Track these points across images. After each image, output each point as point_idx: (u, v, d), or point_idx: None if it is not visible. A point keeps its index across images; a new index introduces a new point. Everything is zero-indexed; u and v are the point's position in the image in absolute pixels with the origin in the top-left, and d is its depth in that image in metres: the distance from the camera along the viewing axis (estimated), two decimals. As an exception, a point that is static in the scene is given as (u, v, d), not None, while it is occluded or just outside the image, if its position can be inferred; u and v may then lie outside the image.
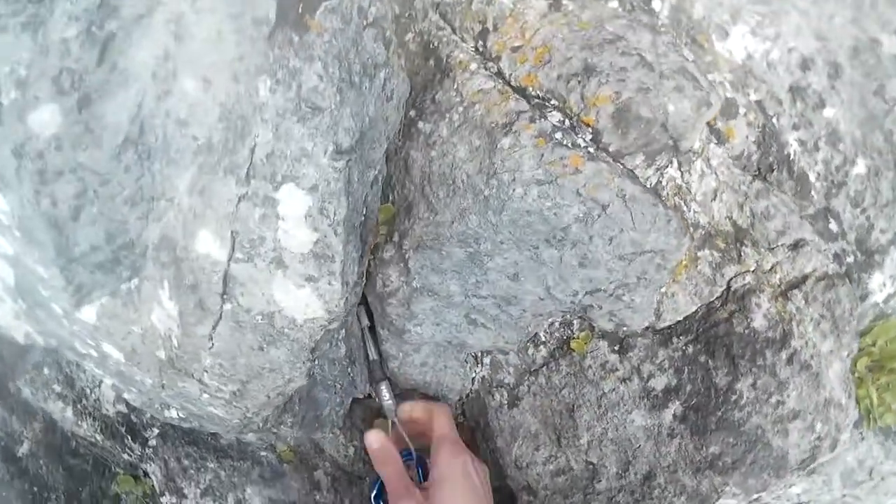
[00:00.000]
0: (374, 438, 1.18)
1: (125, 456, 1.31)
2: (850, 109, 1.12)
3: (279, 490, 1.35)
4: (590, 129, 0.96)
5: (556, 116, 0.97)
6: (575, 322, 1.15)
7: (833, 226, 1.13)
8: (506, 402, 1.25)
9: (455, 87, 1.02)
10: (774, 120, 1.10)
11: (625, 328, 1.10)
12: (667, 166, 1.02)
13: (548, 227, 0.97)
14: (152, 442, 1.31)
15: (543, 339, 1.18)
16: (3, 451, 1.24)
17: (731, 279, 1.05)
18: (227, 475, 1.32)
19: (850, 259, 1.15)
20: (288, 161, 0.87)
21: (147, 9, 0.84)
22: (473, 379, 1.29)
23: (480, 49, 1.05)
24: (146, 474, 1.34)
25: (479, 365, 1.27)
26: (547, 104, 0.98)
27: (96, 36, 0.84)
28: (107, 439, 1.29)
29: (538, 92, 0.99)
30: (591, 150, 0.95)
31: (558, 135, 0.95)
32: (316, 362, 1.21)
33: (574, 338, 1.14)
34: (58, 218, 0.87)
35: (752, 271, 1.05)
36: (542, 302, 1.08)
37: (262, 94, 0.85)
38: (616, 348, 1.12)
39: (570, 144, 0.95)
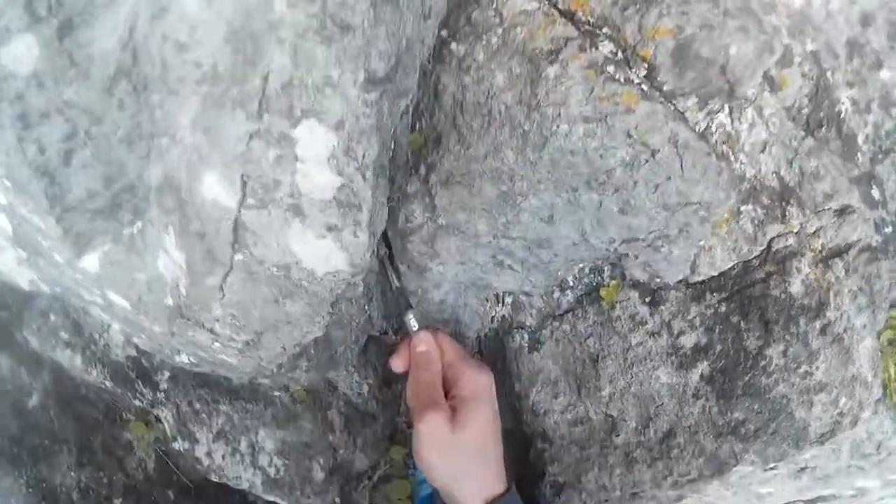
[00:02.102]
0: (425, 340, 1.09)
1: (136, 401, 1.26)
2: (908, 73, 1.06)
3: (292, 432, 1.30)
4: (645, 65, 0.89)
5: (608, 47, 0.90)
6: (606, 269, 1.09)
7: (875, 192, 1.08)
8: (526, 344, 1.20)
9: (494, 5, 0.93)
10: (829, 74, 1.04)
11: (658, 279, 1.05)
12: (718, 111, 0.96)
13: (590, 169, 0.91)
14: (163, 385, 1.26)
15: (571, 283, 1.13)
16: (12, 406, 1.17)
17: (773, 239, 1.00)
18: (239, 418, 1.27)
19: (889, 230, 1.10)
20: (309, 92, 0.73)
21: None
22: (493, 318, 1.24)
23: (525, -37, 0.95)
24: (158, 419, 1.29)
25: (500, 304, 1.22)
26: (598, 32, 0.90)
27: (73, -54, 0.70)
28: (117, 385, 1.23)
29: (589, 18, 0.91)
30: (644, 87, 0.89)
31: (611, 68, 0.88)
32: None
33: (604, 285, 1.09)
34: (47, 165, 0.74)
35: (796, 233, 1.00)
36: (575, 247, 1.03)
37: (277, 9, 0.69)
38: (647, 300, 1.07)
39: (622, 80, 0.88)
